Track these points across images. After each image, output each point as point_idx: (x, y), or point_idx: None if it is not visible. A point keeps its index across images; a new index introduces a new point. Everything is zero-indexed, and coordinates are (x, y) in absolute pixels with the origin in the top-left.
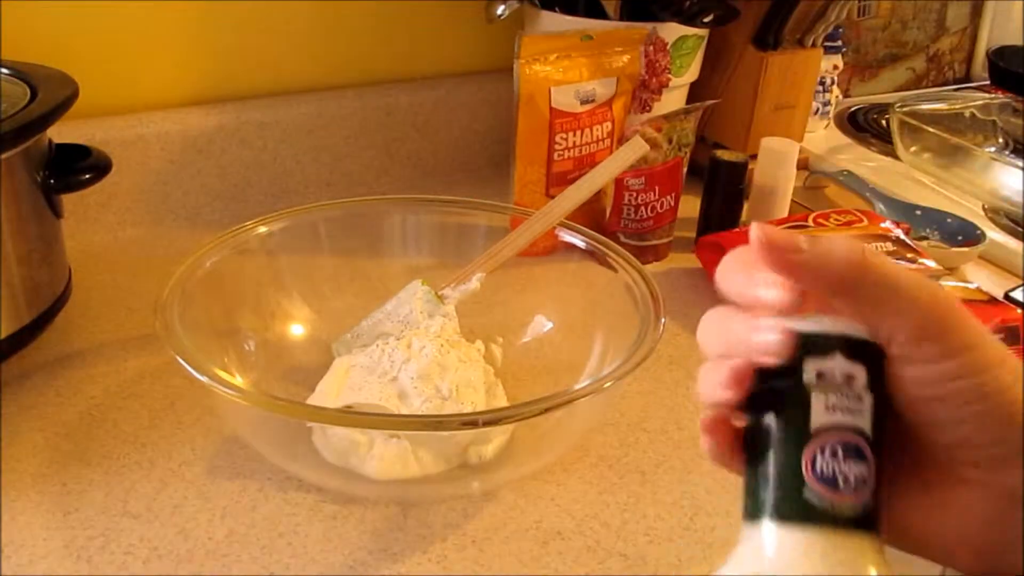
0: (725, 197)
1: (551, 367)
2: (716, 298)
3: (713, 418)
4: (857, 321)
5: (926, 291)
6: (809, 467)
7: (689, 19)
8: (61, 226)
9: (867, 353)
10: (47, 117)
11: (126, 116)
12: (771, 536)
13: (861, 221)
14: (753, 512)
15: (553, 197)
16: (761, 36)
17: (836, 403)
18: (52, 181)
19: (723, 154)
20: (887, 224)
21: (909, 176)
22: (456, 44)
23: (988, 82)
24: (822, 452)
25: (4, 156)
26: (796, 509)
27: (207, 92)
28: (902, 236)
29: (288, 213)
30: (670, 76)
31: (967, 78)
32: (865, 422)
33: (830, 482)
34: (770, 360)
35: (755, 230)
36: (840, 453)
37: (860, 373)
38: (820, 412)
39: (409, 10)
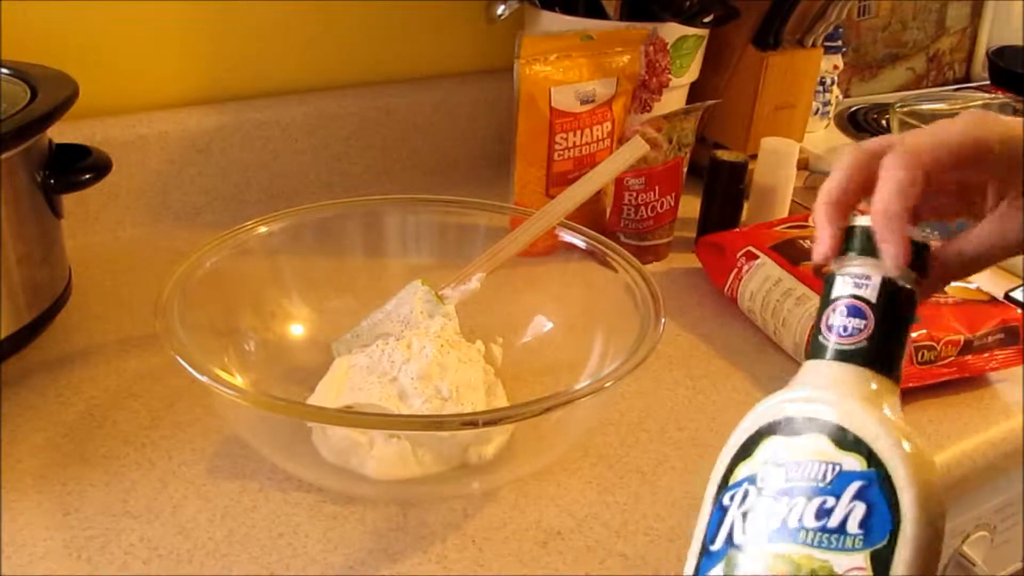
0: (725, 197)
1: (551, 367)
2: (716, 298)
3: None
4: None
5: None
6: (825, 319)
7: (689, 19)
8: (61, 226)
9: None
10: (47, 117)
11: (126, 116)
12: (806, 367)
13: None
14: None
15: (553, 197)
16: (761, 36)
17: (850, 280)
18: (52, 181)
19: (723, 154)
20: None
21: None
22: (456, 44)
23: (988, 82)
24: (833, 310)
25: (4, 156)
26: (816, 347)
27: (207, 92)
28: None
29: (288, 213)
30: (670, 76)
31: (967, 78)
32: (871, 294)
33: (832, 328)
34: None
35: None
36: (844, 311)
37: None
38: (839, 286)
39: (409, 10)
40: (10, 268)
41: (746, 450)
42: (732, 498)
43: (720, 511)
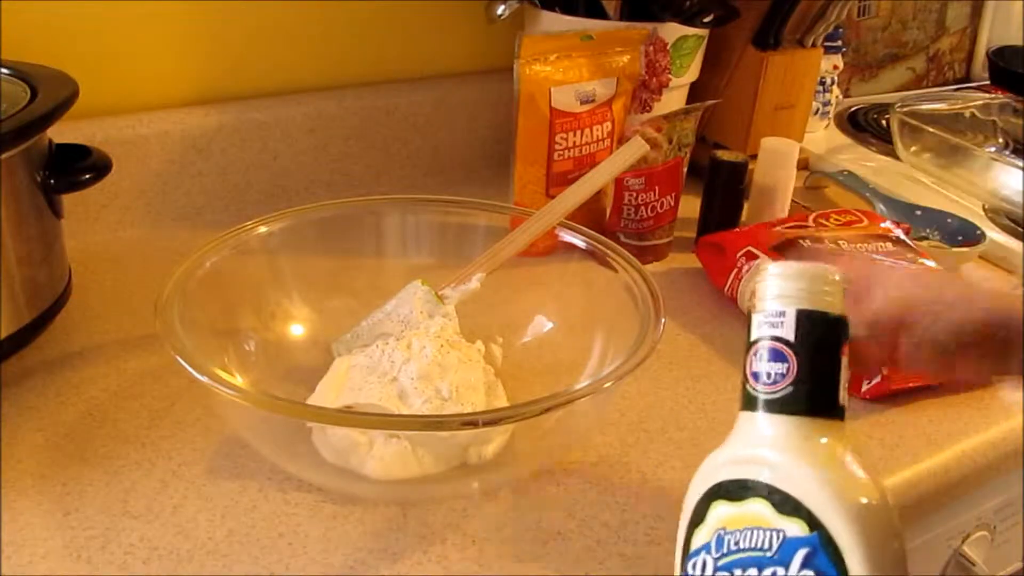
0: (725, 197)
1: (551, 367)
2: (716, 298)
3: None
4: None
5: None
6: (749, 365)
7: (689, 19)
8: (61, 226)
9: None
10: (47, 117)
11: (126, 116)
12: (740, 420)
13: (861, 221)
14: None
15: (553, 197)
16: (761, 36)
17: (764, 320)
18: (52, 181)
19: (723, 154)
20: (887, 224)
21: (909, 176)
22: (456, 44)
23: (988, 82)
24: (754, 354)
25: (4, 156)
26: (745, 397)
27: (207, 92)
28: (902, 236)
29: (288, 213)
30: (670, 76)
31: (967, 78)
32: (788, 332)
33: (756, 376)
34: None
35: None
36: (765, 355)
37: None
38: (756, 326)
39: (409, 10)
40: (10, 268)
41: (699, 515)
42: (694, 567)
43: None
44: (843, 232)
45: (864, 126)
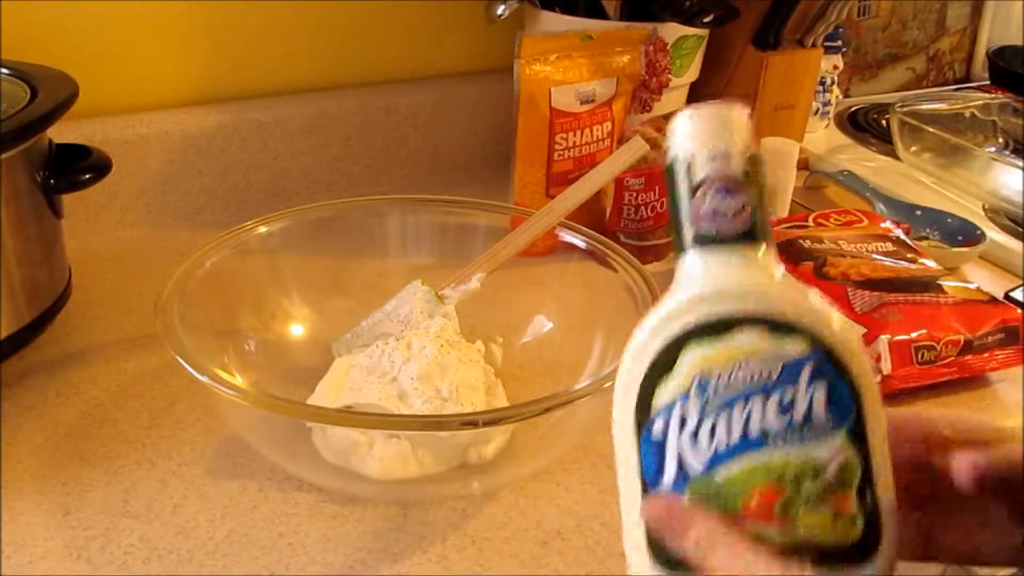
0: None
1: (551, 367)
2: None
3: None
4: None
5: None
6: (696, 207)
7: (689, 19)
8: (61, 226)
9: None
10: (47, 117)
11: (126, 116)
12: (690, 264)
13: (861, 221)
14: (678, 248)
15: (553, 197)
16: (761, 36)
17: (707, 159)
18: (52, 181)
19: None
20: (887, 224)
21: (909, 176)
22: (456, 44)
23: (988, 82)
24: (704, 194)
25: (4, 156)
26: (697, 239)
27: (207, 92)
28: (902, 236)
29: (288, 213)
30: (670, 76)
31: (967, 78)
32: (736, 168)
33: (714, 215)
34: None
35: None
36: (718, 193)
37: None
38: (700, 166)
39: (409, 10)
40: (10, 268)
41: (663, 367)
42: (666, 426)
43: (652, 445)
44: (843, 232)
45: (864, 126)
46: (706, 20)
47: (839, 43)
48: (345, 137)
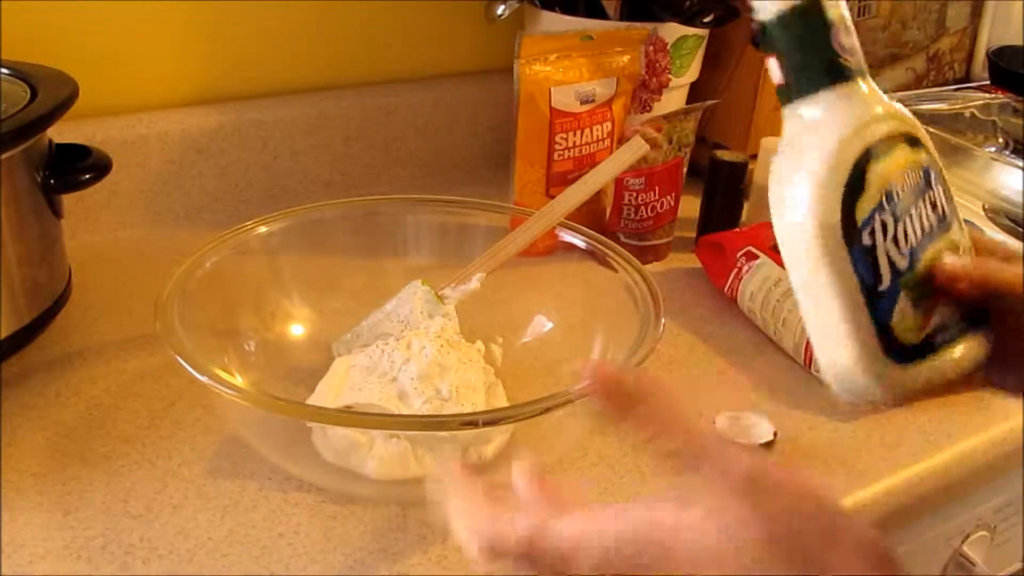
0: (725, 197)
1: (551, 367)
2: (716, 298)
3: None
4: None
5: None
6: (838, 40)
7: (689, 19)
8: (61, 226)
9: None
10: (47, 117)
11: (126, 116)
12: (839, 95)
13: None
14: (799, 94)
15: (553, 197)
16: None
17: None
18: (52, 181)
19: (723, 154)
20: None
21: None
22: (456, 44)
23: (988, 82)
24: (838, 31)
25: (4, 156)
26: (839, 71)
27: (207, 92)
28: None
29: (288, 213)
30: (670, 76)
31: (967, 78)
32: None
33: (851, 49)
34: None
35: None
36: (846, 30)
37: None
38: (830, 9)
39: (409, 10)
40: (10, 268)
41: (857, 185)
42: (872, 234)
43: (864, 253)
44: None
45: None
46: (706, 20)
47: None
48: (345, 137)
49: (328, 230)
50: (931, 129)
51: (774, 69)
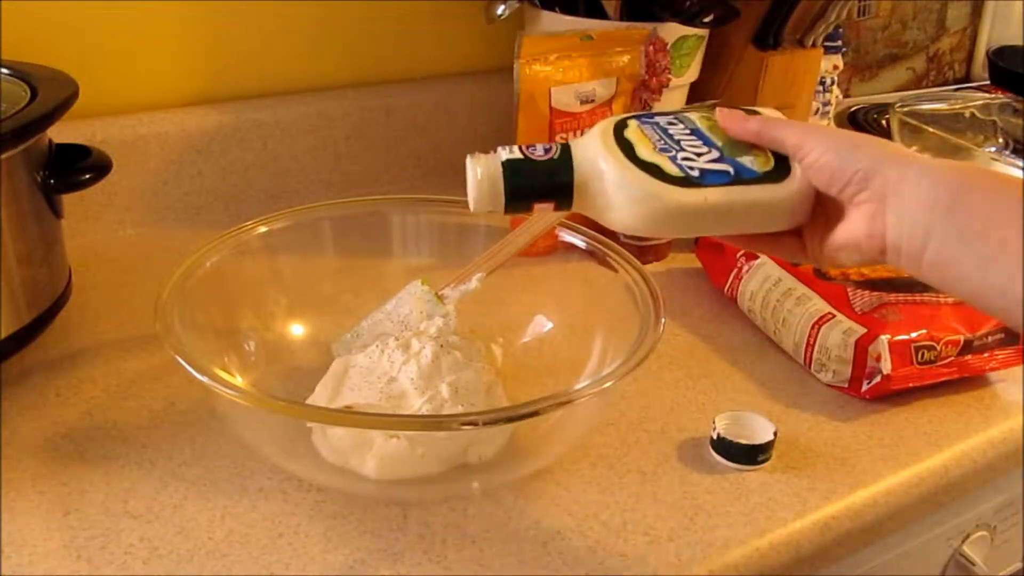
0: None
1: (551, 367)
2: (716, 298)
3: None
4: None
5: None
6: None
7: (689, 19)
8: (61, 226)
9: None
10: (47, 117)
11: (126, 116)
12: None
13: None
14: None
15: None
16: (761, 36)
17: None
18: (52, 181)
19: None
20: None
21: None
22: (456, 44)
23: (988, 82)
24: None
25: (4, 156)
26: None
27: (207, 92)
28: None
29: (288, 213)
30: (670, 76)
31: (967, 78)
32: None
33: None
34: None
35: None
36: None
37: None
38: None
39: (409, 10)
40: (10, 268)
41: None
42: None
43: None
44: None
45: (864, 126)
46: (706, 20)
47: (839, 43)
48: (345, 137)
49: (328, 230)
50: (931, 129)
51: None
